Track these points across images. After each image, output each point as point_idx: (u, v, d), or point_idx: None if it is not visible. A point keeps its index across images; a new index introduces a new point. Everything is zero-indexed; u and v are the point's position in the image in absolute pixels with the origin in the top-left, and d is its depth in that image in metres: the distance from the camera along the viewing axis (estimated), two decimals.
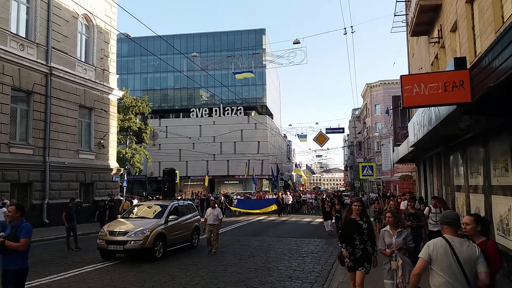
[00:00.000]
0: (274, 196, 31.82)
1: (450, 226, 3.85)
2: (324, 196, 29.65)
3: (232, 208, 30.12)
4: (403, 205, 12.61)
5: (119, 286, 8.30)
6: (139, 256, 11.03)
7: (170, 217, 12.18)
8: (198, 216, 14.67)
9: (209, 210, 13.05)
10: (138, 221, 11.97)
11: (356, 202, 6.33)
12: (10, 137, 17.99)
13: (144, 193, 44.34)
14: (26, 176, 18.45)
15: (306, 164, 55.03)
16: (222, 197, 31.53)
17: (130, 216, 12.77)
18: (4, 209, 16.85)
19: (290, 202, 30.99)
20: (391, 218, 6.02)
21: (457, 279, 3.58)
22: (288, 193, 33.57)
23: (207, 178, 37.22)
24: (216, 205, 13.73)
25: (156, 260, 11.01)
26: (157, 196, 27.31)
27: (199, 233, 13.98)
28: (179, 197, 25.43)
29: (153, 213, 12.54)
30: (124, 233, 11.01)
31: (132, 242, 10.79)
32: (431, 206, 10.24)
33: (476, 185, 10.40)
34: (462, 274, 3.56)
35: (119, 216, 14.25)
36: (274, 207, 29.06)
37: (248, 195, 35.01)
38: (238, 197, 32.99)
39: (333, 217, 17.39)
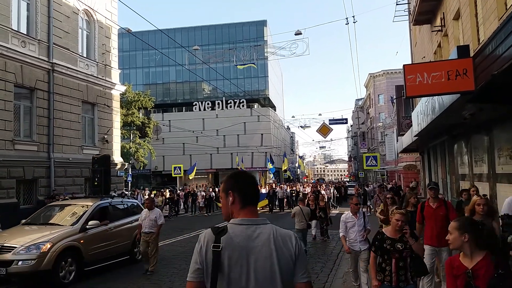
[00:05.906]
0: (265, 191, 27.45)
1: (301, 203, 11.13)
2: (313, 190, 24.01)
3: (219, 204, 26.06)
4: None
5: None
6: (36, 280, 7.85)
7: (91, 222, 8.96)
8: None
9: (144, 212, 9.41)
10: (42, 229, 8.74)
11: None
12: (15, 134, 18.04)
13: (141, 186, 43.66)
14: (31, 173, 18.54)
15: (269, 154, 47.77)
16: (212, 192, 27.07)
17: (36, 222, 9.44)
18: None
19: (279, 196, 27.46)
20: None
21: (302, 221, 10.55)
22: (277, 186, 29.68)
23: (194, 171, 34.51)
24: (153, 205, 9.70)
25: (64, 286, 7.94)
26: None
27: None
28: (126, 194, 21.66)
29: (71, 217, 9.31)
30: (10, 249, 7.66)
31: (21, 262, 7.52)
32: None
33: (480, 174, 10.41)
34: (305, 219, 10.61)
35: (23, 221, 9.96)
36: (266, 202, 26.15)
37: None
38: None
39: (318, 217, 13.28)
